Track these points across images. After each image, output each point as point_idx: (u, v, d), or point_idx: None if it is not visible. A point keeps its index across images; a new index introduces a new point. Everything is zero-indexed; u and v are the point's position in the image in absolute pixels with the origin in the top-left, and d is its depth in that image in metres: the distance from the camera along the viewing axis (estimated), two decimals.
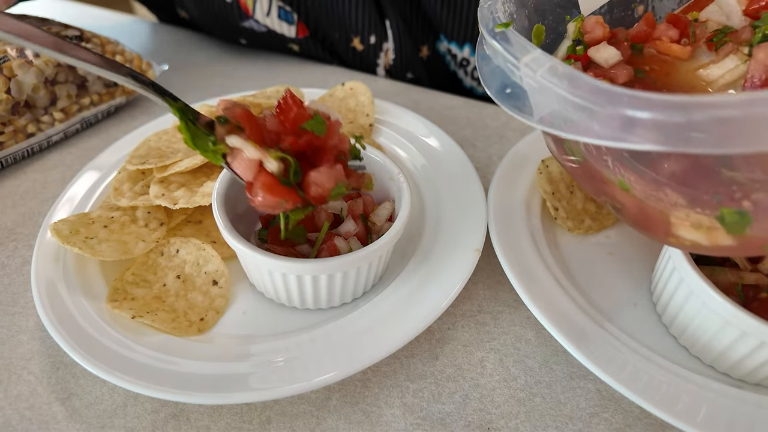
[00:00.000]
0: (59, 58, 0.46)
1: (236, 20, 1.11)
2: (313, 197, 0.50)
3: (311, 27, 1.12)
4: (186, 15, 1.26)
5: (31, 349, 0.59)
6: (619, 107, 0.34)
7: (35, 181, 0.83)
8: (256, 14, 1.08)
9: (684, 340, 0.56)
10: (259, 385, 0.51)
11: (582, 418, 0.54)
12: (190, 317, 0.59)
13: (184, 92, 1.06)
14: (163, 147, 0.73)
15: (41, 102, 0.85)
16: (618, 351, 0.54)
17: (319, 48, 1.15)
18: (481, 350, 0.60)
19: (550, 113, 0.39)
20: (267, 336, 0.58)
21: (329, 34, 1.12)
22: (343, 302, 0.61)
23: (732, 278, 0.54)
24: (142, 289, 0.61)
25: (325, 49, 1.16)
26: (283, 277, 0.56)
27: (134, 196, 0.67)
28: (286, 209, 0.49)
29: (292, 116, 0.51)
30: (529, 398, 0.55)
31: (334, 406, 0.54)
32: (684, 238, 0.45)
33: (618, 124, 0.34)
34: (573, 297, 0.59)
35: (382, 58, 1.13)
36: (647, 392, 0.49)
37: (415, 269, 0.62)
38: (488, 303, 0.65)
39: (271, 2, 1.06)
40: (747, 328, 0.49)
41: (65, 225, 0.62)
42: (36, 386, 0.55)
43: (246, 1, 1.06)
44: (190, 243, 0.64)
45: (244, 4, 1.07)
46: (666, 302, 0.58)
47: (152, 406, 0.54)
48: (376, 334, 0.55)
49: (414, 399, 0.55)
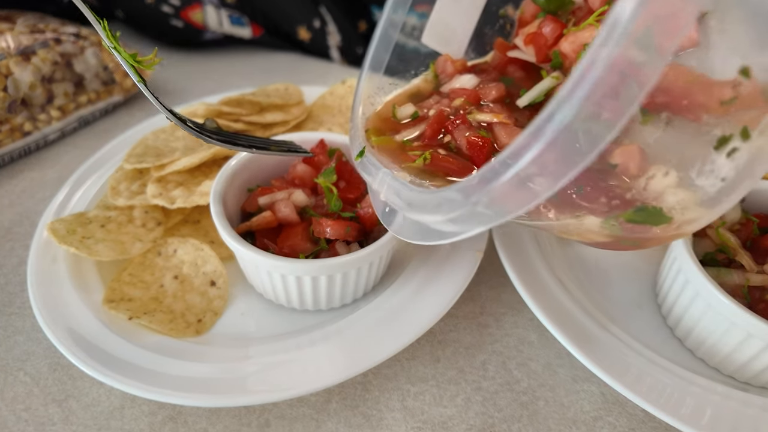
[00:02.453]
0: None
1: (196, 38, 1.18)
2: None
3: (263, 24, 1.18)
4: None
5: (27, 350, 0.58)
6: (427, 207, 0.40)
7: (32, 180, 0.82)
8: (210, 26, 1.15)
9: (689, 342, 0.56)
10: (258, 388, 0.50)
11: (586, 421, 0.53)
12: (188, 318, 0.58)
13: (183, 89, 1.06)
14: (160, 145, 0.73)
15: (38, 100, 0.85)
16: (622, 353, 0.53)
17: (277, 42, 1.22)
18: (483, 353, 0.59)
19: (400, 225, 0.46)
20: (266, 338, 0.57)
21: (280, 27, 1.19)
22: (343, 303, 0.61)
23: (738, 280, 0.54)
24: (139, 290, 0.60)
25: (283, 41, 1.23)
26: (283, 278, 0.56)
27: (131, 195, 0.67)
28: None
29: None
30: (532, 401, 0.55)
31: (333, 409, 0.54)
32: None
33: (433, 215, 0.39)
34: (576, 299, 0.59)
35: (330, 40, 1.20)
36: (652, 395, 0.49)
37: (416, 270, 0.62)
38: (490, 305, 0.64)
39: (219, 12, 1.13)
40: (753, 330, 0.49)
41: (62, 224, 0.62)
42: (32, 388, 0.55)
43: (196, 20, 1.13)
44: (188, 243, 0.63)
45: (196, 23, 1.14)
46: (671, 304, 0.57)
47: (149, 409, 0.53)
48: (377, 336, 0.54)
49: (415, 402, 0.55)
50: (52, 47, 0.86)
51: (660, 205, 0.38)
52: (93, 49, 0.92)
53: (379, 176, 0.46)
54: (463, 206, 0.35)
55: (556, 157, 0.29)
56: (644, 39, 0.26)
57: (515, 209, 0.33)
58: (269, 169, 0.67)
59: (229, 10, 1.14)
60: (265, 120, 0.78)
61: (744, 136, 0.36)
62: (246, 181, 0.66)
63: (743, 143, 0.37)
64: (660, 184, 0.38)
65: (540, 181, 0.31)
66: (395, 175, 0.45)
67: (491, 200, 0.33)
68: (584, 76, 0.27)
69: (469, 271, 0.59)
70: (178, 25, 1.14)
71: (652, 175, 0.37)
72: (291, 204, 0.60)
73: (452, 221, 0.37)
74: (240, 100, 0.79)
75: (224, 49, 1.22)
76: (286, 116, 0.80)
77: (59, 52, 0.87)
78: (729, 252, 0.56)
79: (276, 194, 0.61)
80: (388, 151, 0.50)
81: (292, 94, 0.86)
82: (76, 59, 0.89)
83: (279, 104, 0.81)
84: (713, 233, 0.57)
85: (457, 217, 0.37)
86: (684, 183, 0.38)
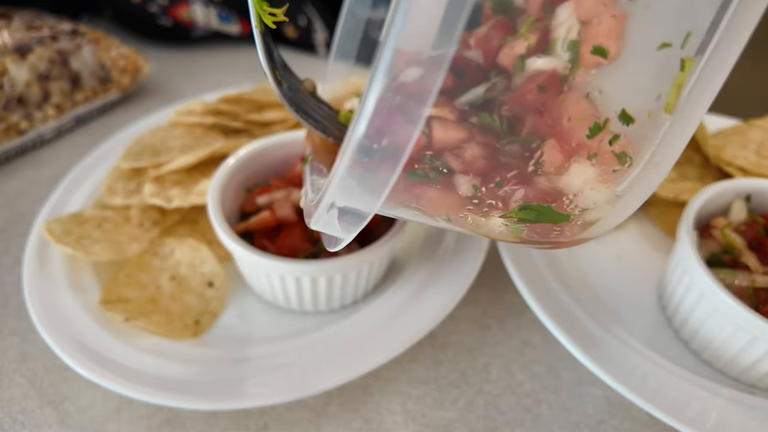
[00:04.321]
0: None
1: (186, 36, 1.18)
2: None
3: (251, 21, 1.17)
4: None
5: (23, 352, 0.58)
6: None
7: (27, 179, 0.81)
8: (199, 24, 1.15)
9: (694, 344, 0.55)
10: (256, 391, 0.50)
11: (590, 425, 0.52)
12: (185, 320, 0.58)
13: (180, 87, 1.05)
14: (157, 144, 0.72)
15: (34, 98, 0.84)
16: (626, 356, 0.52)
17: (269, 39, 1.20)
18: (485, 355, 0.59)
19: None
20: (264, 339, 0.57)
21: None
22: (343, 305, 0.60)
23: (743, 281, 0.53)
24: (135, 291, 0.59)
25: (274, 39, 1.21)
26: (281, 279, 0.55)
27: (128, 194, 0.66)
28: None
29: None
30: (535, 405, 0.54)
31: (333, 413, 0.53)
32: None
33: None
34: (580, 300, 0.58)
35: (317, 38, 1.22)
36: (656, 398, 0.48)
37: (417, 271, 0.61)
38: (493, 306, 0.64)
39: (207, 10, 1.14)
40: (759, 332, 0.48)
41: (58, 224, 0.61)
42: (28, 389, 0.54)
43: (184, 17, 1.13)
44: (185, 243, 0.63)
45: (184, 21, 1.14)
46: (676, 306, 0.57)
47: (146, 411, 0.53)
48: (377, 339, 0.54)
49: (416, 406, 0.54)
50: (48, 45, 0.85)
51: (576, 201, 0.37)
52: (90, 47, 0.91)
53: (305, 183, 0.45)
54: (324, 204, 0.34)
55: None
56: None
57: (373, 199, 0.32)
58: (268, 168, 0.67)
59: (217, 7, 1.14)
60: (263, 118, 0.77)
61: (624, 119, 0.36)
62: (244, 180, 0.65)
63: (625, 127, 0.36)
64: (577, 177, 0.37)
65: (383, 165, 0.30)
66: (316, 181, 0.44)
67: (343, 194, 0.32)
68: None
69: (471, 272, 0.59)
70: (167, 24, 1.14)
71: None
72: (290, 204, 0.59)
73: (329, 223, 0.36)
74: (238, 98, 0.78)
75: (218, 46, 1.22)
76: (286, 114, 0.79)
77: (56, 50, 0.86)
78: (734, 253, 0.55)
79: (275, 194, 0.60)
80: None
81: None
82: (72, 57, 0.88)
83: (278, 102, 0.80)
84: (718, 234, 0.57)
85: (328, 220, 0.36)
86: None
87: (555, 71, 0.36)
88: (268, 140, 0.66)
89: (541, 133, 0.36)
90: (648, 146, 0.37)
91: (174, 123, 0.76)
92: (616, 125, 0.36)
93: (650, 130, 0.37)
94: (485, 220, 0.39)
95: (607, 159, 0.37)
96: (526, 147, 0.37)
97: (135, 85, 0.99)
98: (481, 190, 0.37)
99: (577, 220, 0.38)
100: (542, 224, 0.38)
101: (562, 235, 0.39)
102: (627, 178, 0.38)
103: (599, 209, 0.38)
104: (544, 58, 0.37)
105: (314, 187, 0.43)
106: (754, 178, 0.62)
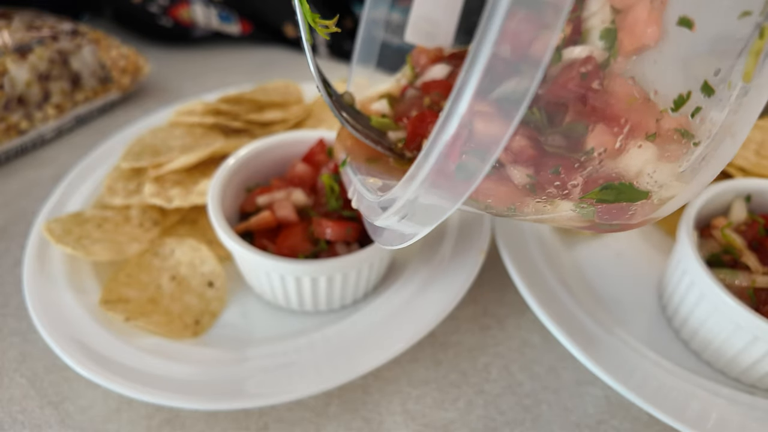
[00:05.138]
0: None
1: (186, 36, 1.18)
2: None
3: (252, 21, 1.18)
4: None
5: (23, 352, 0.57)
6: (375, 210, 0.39)
7: (28, 179, 0.81)
8: (199, 24, 1.15)
9: (694, 344, 0.55)
10: (257, 391, 0.49)
11: (590, 425, 0.52)
12: (185, 320, 0.57)
13: (180, 87, 1.05)
14: (158, 144, 0.72)
15: (34, 98, 0.84)
16: (626, 356, 0.52)
17: (267, 38, 1.22)
18: (485, 355, 0.58)
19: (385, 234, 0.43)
20: (264, 339, 0.57)
21: (269, 23, 1.19)
22: (343, 305, 0.60)
23: (744, 281, 0.53)
24: (135, 291, 0.59)
25: (272, 38, 1.23)
26: (281, 279, 0.55)
27: (128, 194, 0.66)
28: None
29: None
30: (535, 405, 0.54)
31: (333, 413, 0.53)
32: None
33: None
34: (580, 300, 0.58)
35: (316, 37, 1.20)
36: (657, 398, 0.48)
37: (417, 271, 0.61)
38: (493, 306, 0.63)
39: (207, 10, 1.13)
40: (759, 333, 0.48)
41: (58, 224, 0.61)
42: (28, 389, 0.54)
43: (184, 18, 1.13)
44: (186, 243, 0.63)
45: (184, 21, 1.14)
46: (676, 306, 0.56)
47: (146, 411, 0.53)
48: (377, 339, 0.54)
49: (416, 405, 0.54)
50: (48, 44, 0.85)
51: (635, 181, 0.36)
52: (90, 47, 0.91)
53: (352, 184, 0.45)
54: (404, 201, 0.34)
55: (485, 129, 0.28)
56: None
57: (455, 196, 0.32)
58: (268, 168, 0.66)
59: (217, 7, 1.14)
60: (264, 118, 0.77)
61: (706, 91, 0.35)
62: (244, 180, 0.65)
63: (706, 99, 0.35)
64: (637, 158, 0.36)
65: (472, 162, 0.29)
66: (366, 181, 0.44)
67: (427, 192, 0.32)
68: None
69: (471, 272, 0.59)
70: (167, 24, 1.14)
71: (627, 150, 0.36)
72: (290, 204, 0.59)
73: (406, 219, 0.36)
74: (239, 98, 0.78)
75: (218, 46, 1.22)
76: (286, 114, 0.79)
77: (56, 50, 0.86)
78: (735, 253, 0.55)
79: (275, 194, 0.60)
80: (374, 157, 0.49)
81: (292, 91, 0.85)
82: (72, 57, 0.88)
83: (278, 102, 0.80)
84: (718, 234, 0.57)
85: (406, 215, 0.35)
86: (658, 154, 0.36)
87: (593, 58, 0.36)
88: (268, 140, 0.66)
89: (589, 119, 0.36)
90: (726, 117, 0.36)
91: (174, 123, 0.76)
92: (697, 97, 0.35)
93: (728, 101, 0.36)
94: (551, 207, 0.38)
95: (675, 138, 0.36)
96: (573, 134, 0.36)
97: (135, 85, 0.99)
98: (536, 179, 0.36)
99: (654, 198, 0.38)
100: (618, 204, 0.37)
101: (635, 216, 0.39)
102: (700, 154, 0.37)
103: (674, 186, 0.38)
104: (582, 47, 0.36)
105: (367, 186, 0.43)
106: (754, 178, 0.62)
